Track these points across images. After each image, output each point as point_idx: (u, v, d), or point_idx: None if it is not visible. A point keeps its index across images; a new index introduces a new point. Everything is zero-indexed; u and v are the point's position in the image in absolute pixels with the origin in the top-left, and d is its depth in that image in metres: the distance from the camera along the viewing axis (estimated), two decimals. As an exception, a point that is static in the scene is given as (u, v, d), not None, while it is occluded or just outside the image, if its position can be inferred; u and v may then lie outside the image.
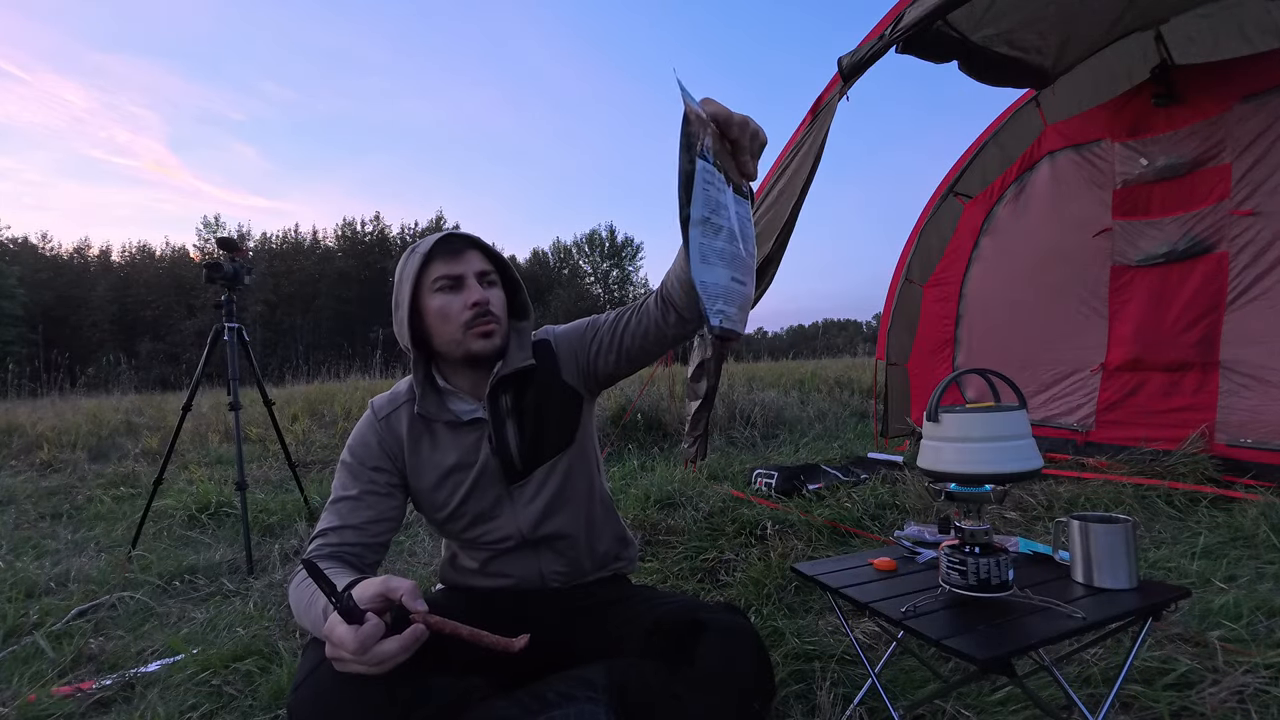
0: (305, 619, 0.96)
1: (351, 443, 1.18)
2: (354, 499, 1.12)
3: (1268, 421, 2.83)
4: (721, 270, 0.91)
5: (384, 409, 1.20)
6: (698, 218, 0.86)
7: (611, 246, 57.82)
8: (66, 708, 1.49)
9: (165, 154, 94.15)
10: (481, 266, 1.16)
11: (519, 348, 1.19)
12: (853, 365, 10.23)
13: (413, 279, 1.12)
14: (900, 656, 1.48)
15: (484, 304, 1.12)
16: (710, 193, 0.87)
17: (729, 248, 0.92)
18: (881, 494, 2.89)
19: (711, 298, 0.89)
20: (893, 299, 4.39)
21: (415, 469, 1.17)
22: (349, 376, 9.54)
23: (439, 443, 1.18)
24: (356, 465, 1.15)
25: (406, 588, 0.84)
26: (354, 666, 0.80)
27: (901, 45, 2.58)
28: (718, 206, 0.89)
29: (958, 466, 1.02)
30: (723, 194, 0.91)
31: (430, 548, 2.66)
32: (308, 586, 0.97)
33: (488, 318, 1.13)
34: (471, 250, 1.15)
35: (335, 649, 0.81)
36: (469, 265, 1.14)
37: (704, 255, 0.88)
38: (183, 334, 40.10)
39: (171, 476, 4.13)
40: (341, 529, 1.09)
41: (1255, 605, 1.61)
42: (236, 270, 2.77)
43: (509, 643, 0.86)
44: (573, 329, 1.26)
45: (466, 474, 1.16)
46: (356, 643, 0.78)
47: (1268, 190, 2.90)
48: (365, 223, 51.81)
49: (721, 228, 0.91)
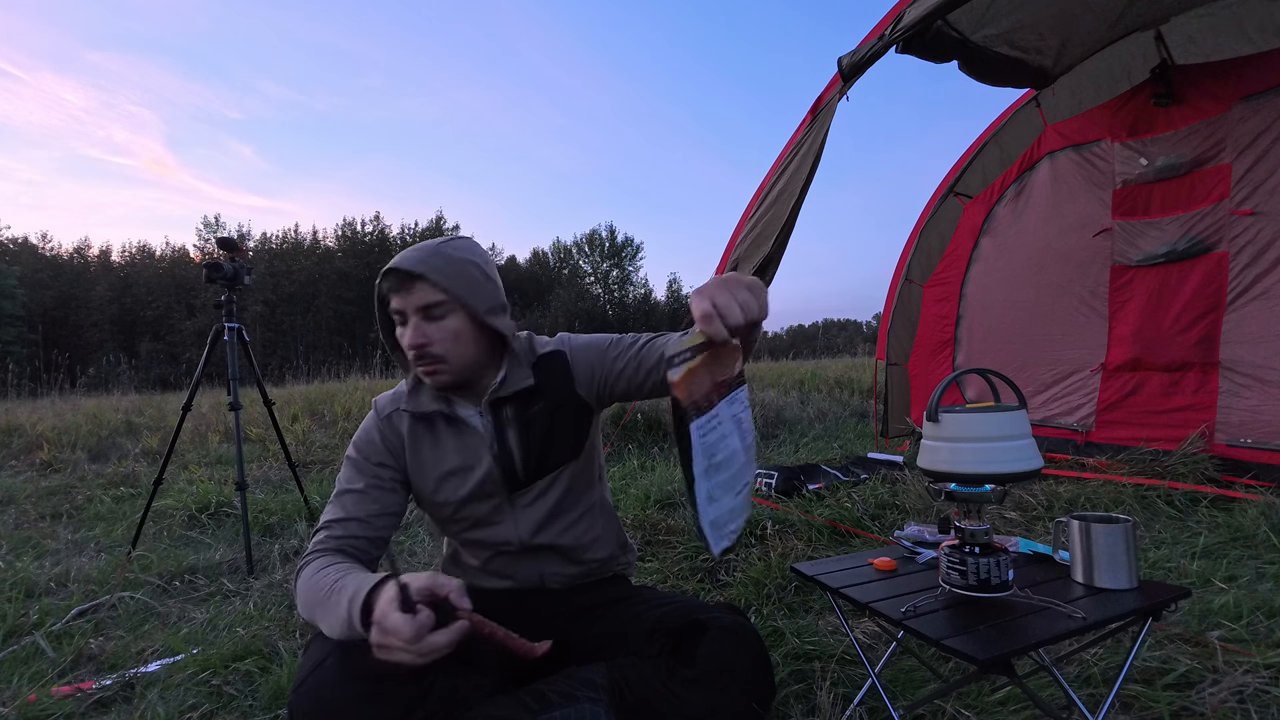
0: (319, 609, 0.95)
1: (356, 438, 1.19)
2: (359, 492, 1.12)
3: (1267, 421, 2.83)
4: (728, 498, 0.87)
5: (386, 408, 1.20)
6: (700, 471, 0.83)
7: (611, 246, 57.85)
8: (66, 708, 1.49)
9: (164, 153, 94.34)
10: (429, 299, 1.07)
11: (517, 366, 1.17)
12: (853, 365, 10.23)
13: (378, 306, 1.15)
14: (900, 656, 1.48)
15: (420, 347, 1.07)
16: (708, 440, 0.84)
17: (732, 469, 0.87)
18: (881, 494, 2.89)
19: (718, 527, 0.86)
20: (893, 299, 4.38)
21: (417, 468, 1.17)
22: (349, 376, 9.53)
23: (440, 442, 1.17)
24: (361, 460, 1.16)
25: (454, 585, 0.86)
26: (401, 655, 0.80)
27: (901, 45, 2.57)
28: (717, 441, 0.85)
29: (958, 466, 1.02)
30: (718, 421, 0.86)
31: (430, 548, 2.66)
32: (325, 576, 0.97)
33: (426, 360, 1.08)
34: (418, 282, 1.06)
35: (386, 636, 0.80)
36: (411, 300, 1.07)
37: (710, 496, 0.85)
38: (183, 334, 40.13)
39: (171, 476, 4.13)
40: (347, 521, 1.09)
41: (1255, 605, 1.61)
42: (236, 270, 2.77)
43: (532, 648, 0.90)
44: (592, 344, 1.23)
45: (467, 477, 1.16)
46: (412, 631, 0.79)
47: (1268, 190, 2.90)
48: (365, 223, 51.93)
49: (723, 460, 0.86)
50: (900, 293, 4.36)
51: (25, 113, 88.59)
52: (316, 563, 1.03)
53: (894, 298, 4.38)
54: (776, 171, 2.88)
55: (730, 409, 0.87)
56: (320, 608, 0.95)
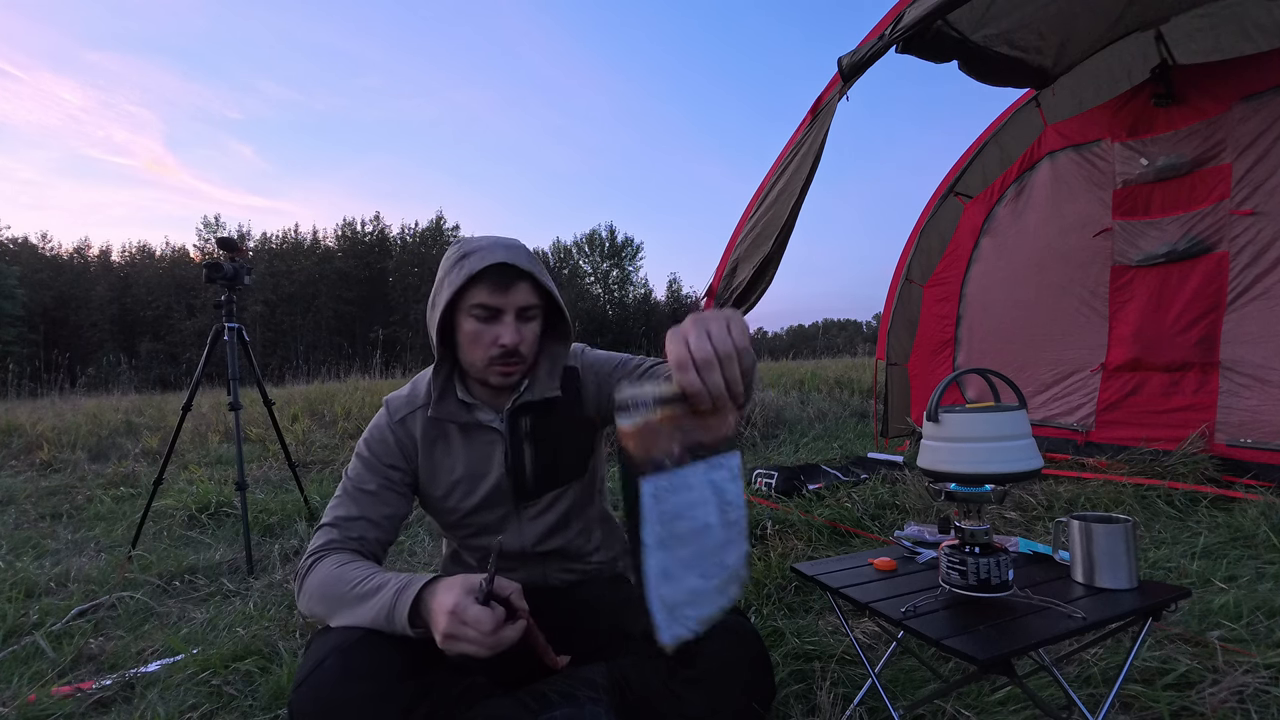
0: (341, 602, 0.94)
1: (369, 437, 1.17)
2: (372, 493, 1.11)
3: (1268, 421, 2.83)
4: (690, 579, 0.71)
5: (399, 410, 1.18)
6: (653, 540, 0.67)
7: (611, 246, 57.87)
8: (66, 708, 1.49)
9: (163, 153, 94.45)
10: (527, 301, 1.07)
11: (548, 374, 1.17)
12: (853, 365, 10.23)
13: (451, 292, 1.04)
14: (900, 656, 1.48)
15: (513, 347, 1.06)
16: (666, 505, 0.68)
17: (699, 546, 0.71)
18: (881, 494, 2.90)
19: (672, 610, 0.70)
20: (893, 299, 4.38)
21: (429, 472, 1.17)
22: (349, 376, 9.52)
23: (452, 449, 1.17)
24: (373, 460, 1.14)
25: (515, 588, 0.89)
26: (468, 646, 0.83)
27: (901, 45, 2.57)
28: (681, 509, 0.69)
29: (958, 466, 1.02)
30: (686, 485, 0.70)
31: (430, 547, 2.66)
32: (350, 570, 0.98)
33: (514, 360, 1.07)
34: (521, 283, 1.06)
35: (464, 627, 0.82)
36: (513, 300, 1.06)
37: (666, 572, 0.69)
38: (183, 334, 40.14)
39: (171, 476, 4.13)
40: (360, 520, 1.09)
41: (1255, 605, 1.61)
42: (236, 270, 2.77)
43: (556, 661, 0.95)
44: (603, 361, 1.22)
45: (477, 485, 1.16)
46: (493, 623, 0.83)
47: (1268, 190, 2.90)
48: (365, 223, 51.95)
49: (687, 533, 0.70)
50: (900, 293, 4.36)
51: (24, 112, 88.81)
52: (335, 557, 1.02)
53: (894, 298, 4.38)
54: (776, 171, 2.88)
55: (709, 474, 0.71)
56: (344, 600, 0.95)
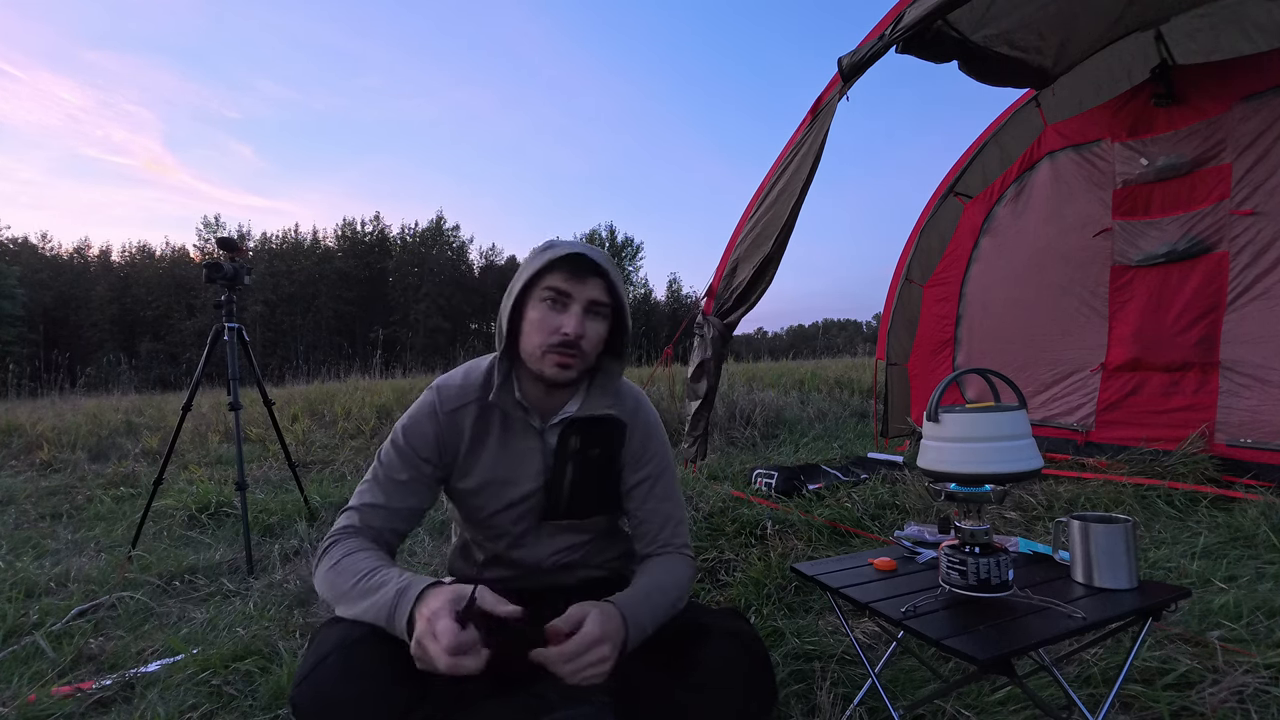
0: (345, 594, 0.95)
1: (407, 425, 1.13)
2: (402, 483, 1.11)
3: (1268, 421, 2.83)
4: None
5: (451, 400, 1.14)
6: None
7: (611, 246, 57.87)
8: (66, 708, 1.49)
9: (162, 152, 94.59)
10: (597, 296, 1.09)
11: (602, 391, 1.16)
12: (853, 365, 10.23)
13: (527, 277, 1.07)
14: (900, 656, 1.48)
15: (574, 338, 1.06)
16: None
17: None
18: (881, 494, 2.90)
19: None
20: (893, 299, 4.39)
21: (466, 469, 1.15)
22: (349, 376, 9.53)
23: (493, 447, 1.15)
24: (409, 451, 1.12)
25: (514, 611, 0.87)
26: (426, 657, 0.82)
27: (901, 45, 2.58)
28: None
29: (958, 466, 1.02)
30: None
31: (430, 547, 2.66)
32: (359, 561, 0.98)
33: (571, 350, 1.07)
34: (595, 278, 1.08)
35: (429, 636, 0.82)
36: (585, 291, 1.07)
37: None
38: (183, 334, 40.17)
39: (171, 476, 4.13)
40: (385, 510, 1.09)
41: (1255, 605, 1.61)
42: (236, 270, 2.77)
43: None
44: (648, 440, 1.21)
45: (510, 489, 1.15)
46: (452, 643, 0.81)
47: (1268, 190, 2.90)
48: (365, 223, 52.04)
49: None
50: (900, 293, 4.37)
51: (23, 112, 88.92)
52: (350, 543, 1.03)
53: (894, 298, 4.38)
54: (776, 171, 2.88)
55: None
56: (347, 594, 0.95)
